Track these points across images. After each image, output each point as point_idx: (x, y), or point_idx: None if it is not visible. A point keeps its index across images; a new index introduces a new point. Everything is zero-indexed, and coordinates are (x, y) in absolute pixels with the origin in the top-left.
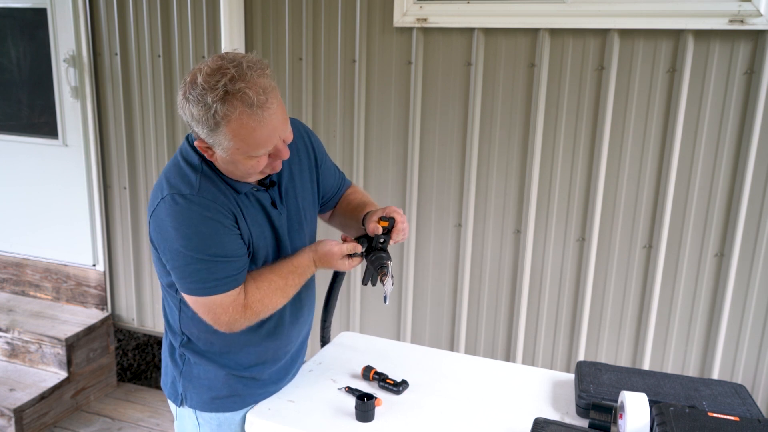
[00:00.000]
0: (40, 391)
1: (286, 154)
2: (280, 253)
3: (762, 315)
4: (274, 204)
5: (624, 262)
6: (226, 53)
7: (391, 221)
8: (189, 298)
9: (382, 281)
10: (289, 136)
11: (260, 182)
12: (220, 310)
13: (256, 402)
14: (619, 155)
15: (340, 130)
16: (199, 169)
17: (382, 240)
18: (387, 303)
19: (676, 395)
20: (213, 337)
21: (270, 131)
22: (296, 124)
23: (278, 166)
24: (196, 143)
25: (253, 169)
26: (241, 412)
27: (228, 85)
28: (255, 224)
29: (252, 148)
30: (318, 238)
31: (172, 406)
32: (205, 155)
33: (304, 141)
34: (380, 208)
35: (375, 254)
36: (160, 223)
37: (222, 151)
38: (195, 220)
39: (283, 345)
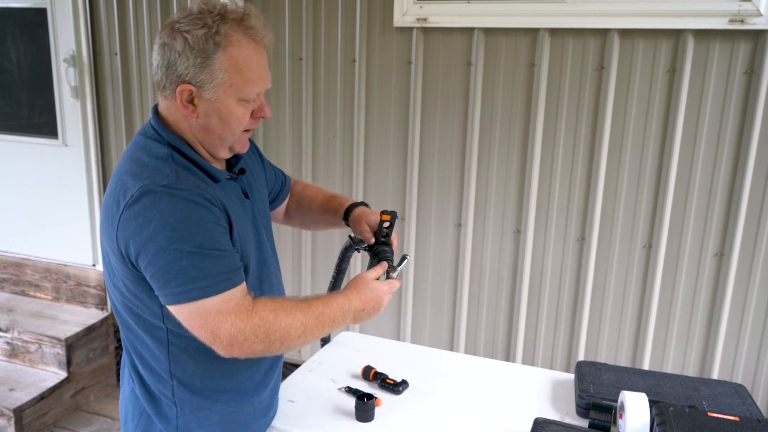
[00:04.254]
0: (40, 391)
1: (268, 112)
2: (260, 248)
3: (762, 315)
4: (246, 195)
5: (624, 262)
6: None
7: (394, 215)
8: (180, 312)
9: (387, 275)
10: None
11: (229, 170)
12: (219, 318)
13: None
14: (619, 155)
15: (340, 130)
16: (169, 160)
17: (384, 234)
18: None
19: (676, 395)
20: (213, 365)
21: (265, 65)
22: None
23: (248, 143)
24: (178, 89)
25: (237, 123)
26: None
27: (225, 10)
28: (238, 216)
29: (246, 83)
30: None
31: None
32: (185, 111)
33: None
34: (357, 200)
35: (378, 247)
36: (133, 224)
37: (211, 91)
38: (179, 206)
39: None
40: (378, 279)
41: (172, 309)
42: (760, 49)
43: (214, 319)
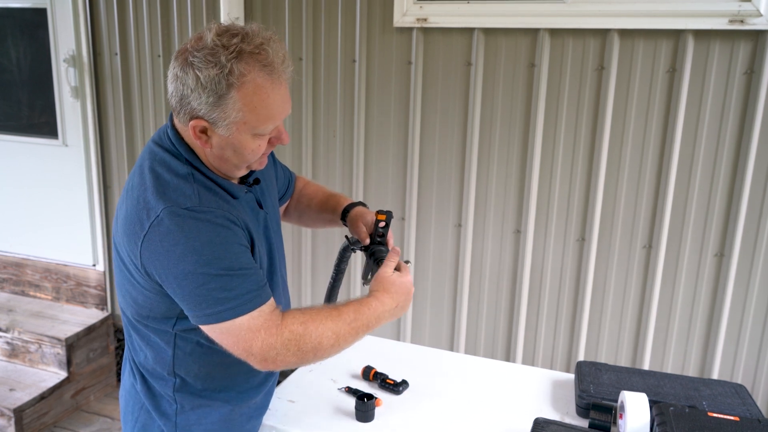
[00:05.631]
0: (40, 391)
1: (286, 139)
2: (270, 257)
3: (762, 315)
4: (260, 205)
5: (624, 262)
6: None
7: (389, 215)
8: (213, 332)
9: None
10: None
11: (243, 182)
12: (250, 334)
13: None
14: (619, 155)
15: (340, 130)
16: (190, 179)
17: (380, 234)
18: None
19: (676, 395)
20: (215, 369)
21: (282, 99)
22: None
23: (265, 160)
24: (191, 124)
25: (252, 154)
26: None
27: (242, 44)
28: (254, 231)
29: (261, 121)
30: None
31: None
32: (198, 141)
33: None
34: (356, 200)
35: (374, 247)
36: (158, 247)
37: (224, 128)
38: (203, 230)
39: None
40: (394, 269)
41: (205, 329)
42: (760, 49)
43: (245, 336)
